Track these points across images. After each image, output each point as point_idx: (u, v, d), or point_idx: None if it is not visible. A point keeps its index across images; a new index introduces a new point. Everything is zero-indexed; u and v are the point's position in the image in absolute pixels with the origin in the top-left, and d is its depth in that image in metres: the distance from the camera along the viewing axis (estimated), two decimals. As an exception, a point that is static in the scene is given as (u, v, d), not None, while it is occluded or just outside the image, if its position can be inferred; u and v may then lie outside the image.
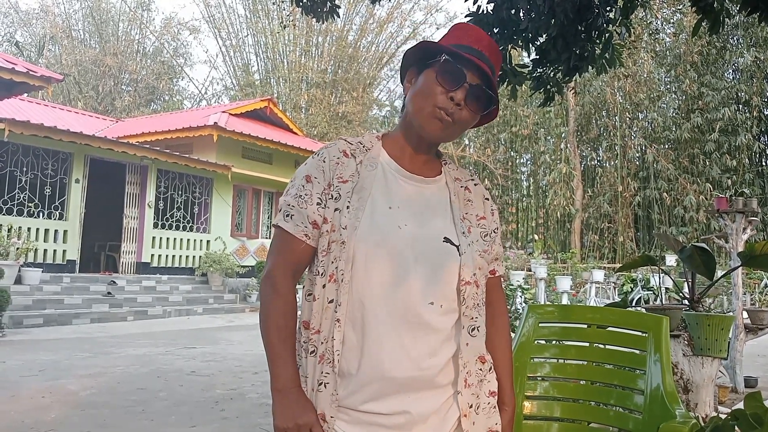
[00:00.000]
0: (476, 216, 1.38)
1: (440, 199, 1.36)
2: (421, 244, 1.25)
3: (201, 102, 33.35)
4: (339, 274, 1.22)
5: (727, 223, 5.89)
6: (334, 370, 1.20)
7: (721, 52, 21.81)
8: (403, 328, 1.21)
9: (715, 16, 4.36)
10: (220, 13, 31.30)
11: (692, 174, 21.52)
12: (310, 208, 1.27)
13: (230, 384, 5.89)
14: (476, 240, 1.34)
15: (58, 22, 30.57)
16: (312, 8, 6.07)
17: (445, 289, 1.26)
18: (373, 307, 1.21)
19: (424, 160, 1.38)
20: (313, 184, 1.29)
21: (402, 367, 1.20)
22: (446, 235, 1.29)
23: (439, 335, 1.25)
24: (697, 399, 3.83)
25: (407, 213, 1.28)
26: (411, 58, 1.36)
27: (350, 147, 1.35)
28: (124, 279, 12.90)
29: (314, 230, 1.27)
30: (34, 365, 6.50)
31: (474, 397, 1.29)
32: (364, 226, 1.23)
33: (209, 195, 15.44)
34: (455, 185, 1.40)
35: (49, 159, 12.39)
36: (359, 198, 1.27)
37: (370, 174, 1.31)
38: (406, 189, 1.33)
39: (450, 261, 1.27)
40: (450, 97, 1.26)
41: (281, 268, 1.30)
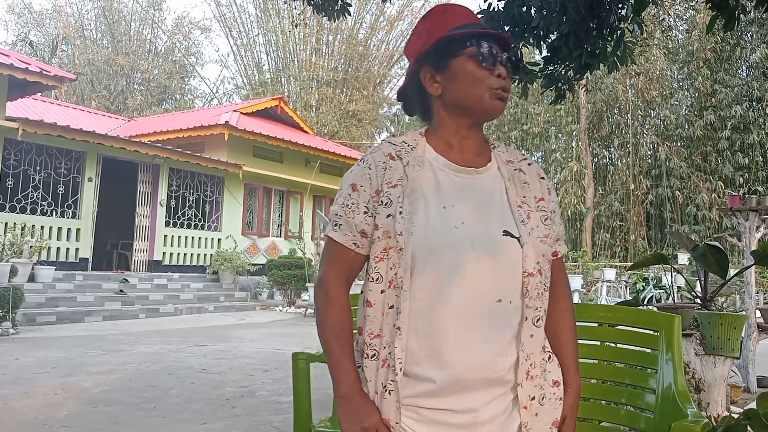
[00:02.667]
0: (535, 198, 1.34)
1: (494, 189, 1.31)
2: (481, 242, 1.22)
3: (212, 101, 33.52)
4: (398, 281, 1.21)
5: (740, 221, 5.84)
6: (396, 378, 1.20)
7: (734, 48, 21.61)
8: (470, 330, 1.20)
9: (730, 12, 4.31)
10: (231, 12, 31.50)
11: (705, 172, 21.35)
12: (357, 218, 1.27)
13: (241, 381, 5.91)
14: (537, 226, 1.29)
15: (71, 22, 30.81)
16: (323, 7, 6.07)
17: (511, 284, 1.23)
18: (438, 311, 1.20)
19: (474, 149, 1.35)
20: (359, 193, 1.29)
21: (472, 369, 1.19)
22: (505, 227, 1.25)
23: (509, 332, 1.23)
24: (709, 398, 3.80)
25: (463, 210, 1.25)
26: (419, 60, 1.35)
27: (395, 149, 1.33)
28: (136, 277, 12.99)
29: (363, 239, 1.27)
30: (47, 362, 6.56)
31: (537, 388, 1.26)
32: (419, 231, 1.21)
33: (220, 194, 15.51)
34: (508, 169, 1.35)
35: (63, 158, 12.49)
36: (411, 201, 1.25)
37: (419, 174, 1.29)
38: (459, 184, 1.29)
39: (512, 255, 1.23)
40: (497, 75, 1.28)
41: (333, 277, 1.31)
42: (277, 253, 16.16)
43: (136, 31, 31.85)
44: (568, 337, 1.38)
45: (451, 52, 1.30)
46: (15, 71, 10.55)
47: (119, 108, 28.80)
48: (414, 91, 1.39)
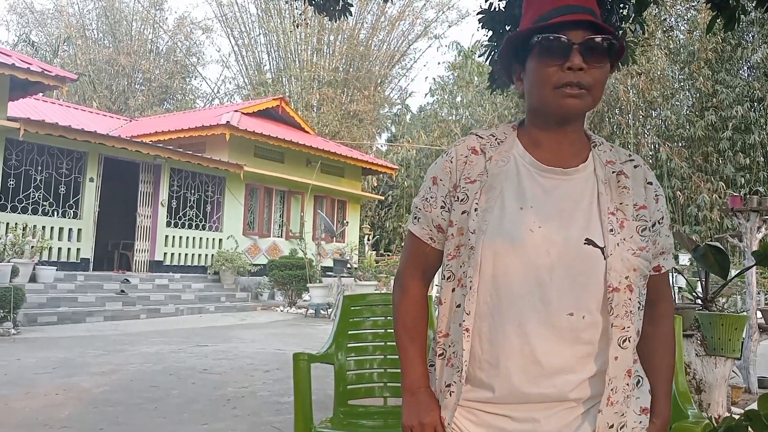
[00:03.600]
0: (634, 206, 1.19)
1: (584, 192, 1.19)
2: (558, 249, 1.13)
3: (213, 101, 33.52)
4: (467, 280, 1.16)
5: (741, 221, 5.84)
6: (461, 380, 1.16)
7: (735, 49, 21.60)
8: (537, 342, 1.12)
9: (731, 12, 4.31)
10: (232, 12, 31.44)
11: (706, 172, 21.33)
12: (434, 212, 1.24)
13: (242, 382, 5.92)
14: (630, 237, 1.16)
15: (72, 22, 30.82)
16: (325, 7, 6.07)
17: (589, 298, 1.12)
18: (502, 318, 1.14)
19: (568, 146, 1.23)
20: (438, 187, 1.25)
21: (534, 384, 1.13)
22: (589, 235, 1.14)
23: (581, 349, 1.13)
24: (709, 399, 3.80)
25: (542, 213, 1.16)
26: (507, 57, 1.27)
27: (480, 142, 1.26)
28: (137, 277, 13.00)
29: (439, 234, 1.24)
30: (48, 363, 6.56)
31: (617, 416, 1.14)
32: (491, 230, 1.15)
33: (221, 194, 15.52)
34: (605, 171, 1.21)
35: (64, 158, 12.50)
36: (488, 198, 1.18)
37: (502, 170, 1.21)
38: (543, 184, 1.19)
39: (594, 266, 1.12)
40: (567, 68, 1.14)
41: (409, 270, 1.30)
42: (278, 254, 16.17)
43: (137, 31, 31.87)
44: (664, 361, 1.27)
45: (527, 50, 1.20)
46: (17, 71, 10.56)
47: (121, 108, 28.82)
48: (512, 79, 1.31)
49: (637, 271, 1.15)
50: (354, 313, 2.98)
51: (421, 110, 32.97)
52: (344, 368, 2.78)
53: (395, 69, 32.56)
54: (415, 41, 32.39)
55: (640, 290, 1.16)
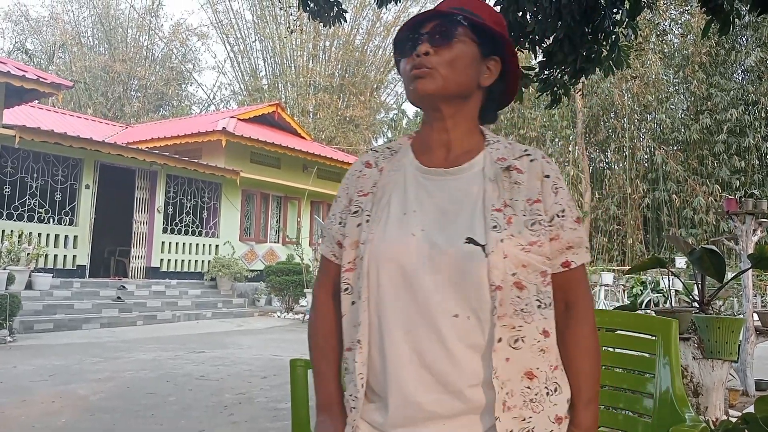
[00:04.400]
0: (527, 201, 1.15)
1: (469, 191, 1.17)
2: (440, 250, 1.11)
3: (209, 107, 33.53)
4: (357, 292, 1.17)
5: (736, 224, 5.86)
6: (358, 394, 1.14)
7: (729, 52, 21.71)
8: (424, 347, 1.09)
9: (725, 16, 4.33)
10: (228, 18, 31.49)
11: (701, 175, 21.41)
12: (334, 228, 1.26)
13: (239, 388, 5.90)
14: (518, 232, 1.11)
15: (67, 30, 30.83)
16: (319, 13, 6.09)
17: (472, 298, 1.09)
18: (390, 326, 1.12)
19: (457, 144, 1.22)
20: (337, 204, 1.28)
21: (427, 391, 1.09)
22: (471, 234, 1.10)
23: (470, 352, 1.09)
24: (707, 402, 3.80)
25: (425, 216, 1.15)
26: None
27: (374, 156, 1.29)
28: (133, 284, 12.96)
29: (340, 249, 1.24)
30: (44, 370, 6.54)
31: (518, 421, 1.07)
32: (376, 239, 1.15)
33: (218, 200, 15.50)
34: (495, 167, 1.18)
35: (60, 165, 12.48)
36: (378, 209, 1.20)
37: (391, 180, 1.23)
38: (427, 187, 1.19)
39: (475, 265, 1.08)
40: (414, 57, 1.18)
41: (320, 288, 1.30)
42: (274, 259, 16.15)
43: (133, 38, 31.90)
44: (583, 367, 1.19)
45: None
46: (12, 79, 10.54)
47: (116, 115, 28.81)
48: None
49: (528, 267, 1.10)
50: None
51: (417, 115, 32.96)
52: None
53: (391, 74, 32.62)
54: (411, 46, 32.40)
55: (538, 287, 1.11)
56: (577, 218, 1.19)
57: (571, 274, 1.17)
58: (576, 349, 1.18)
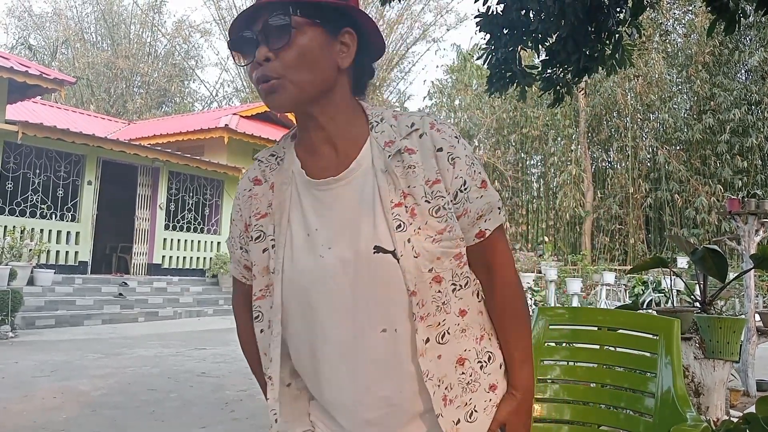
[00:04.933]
0: (426, 183, 1.05)
1: (364, 192, 1.06)
2: (353, 267, 1.03)
3: (212, 104, 33.53)
4: (266, 320, 1.12)
5: (739, 224, 5.85)
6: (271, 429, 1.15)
7: (733, 52, 21.66)
8: (360, 369, 1.06)
9: (731, 16, 4.32)
10: (231, 15, 31.42)
11: (704, 175, 21.37)
12: (237, 253, 1.20)
13: (240, 385, 5.91)
14: (425, 223, 1.03)
15: (70, 26, 30.85)
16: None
17: (396, 308, 1.03)
18: (324, 352, 1.08)
19: (341, 140, 1.10)
20: (235, 225, 1.19)
21: (371, 408, 1.08)
22: (377, 242, 1.02)
23: (404, 362, 1.05)
24: (708, 402, 3.80)
25: (329, 233, 1.06)
26: None
27: (261, 168, 1.16)
28: (135, 280, 12.98)
29: (248, 272, 1.19)
30: (46, 366, 6.55)
31: (460, 409, 1.07)
32: (287, 266, 1.08)
33: (220, 197, 15.51)
34: (384, 156, 1.06)
35: (62, 161, 12.50)
36: (280, 232, 1.10)
37: (285, 197, 1.11)
38: (322, 200, 1.08)
39: (390, 273, 1.02)
40: (256, 65, 1.03)
41: (236, 304, 1.28)
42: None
43: (136, 34, 31.90)
44: (512, 330, 1.14)
45: None
46: (15, 74, 10.57)
47: (119, 111, 28.83)
48: None
49: (442, 258, 1.04)
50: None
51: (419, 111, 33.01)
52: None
53: (394, 72, 32.63)
54: (414, 45, 32.44)
55: (453, 271, 1.06)
56: (482, 182, 1.10)
57: (487, 242, 1.10)
58: (503, 313, 1.14)
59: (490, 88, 5.44)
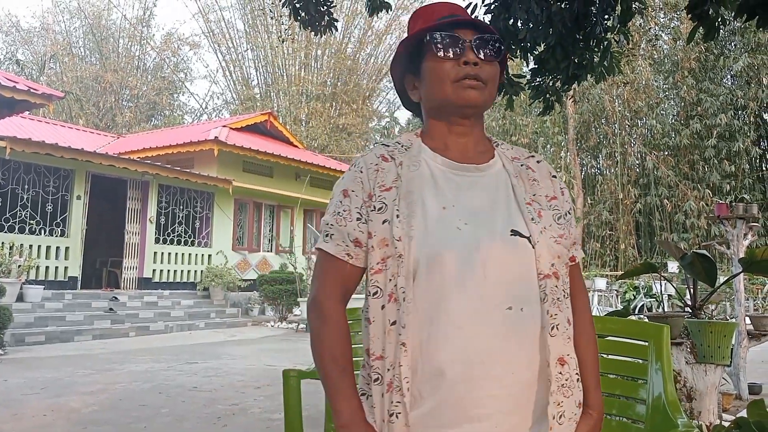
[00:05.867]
0: (546, 197, 1.22)
1: (499, 186, 1.20)
2: (487, 243, 1.11)
3: (201, 117, 33.51)
4: (399, 292, 1.09)
5: (728, 229, 5.89)
6: (404, 399, 1.07)
7: (718, 58, 21.89)
8: (479, 343, 1.08)
9: (711, 23, 4.37)
10: (219, 28, 31.50)
11: (692, 180, 21.53)
12: (350, 225, 1.16)
13: (232, 399, 5.87)
14: (549, 224, 1.17)
15: (59, 40, 30.80)
16: (310, 22, 6.11)
17: (524, 289, 1.11)
18: (441, 325, 1.08)
19: (473, 146, 1.24)
20: (351, 198, 1.18)
21: (479, 387, 1.07)
22: (513, 226, 1.13)
23: (524, 344, 1.10)
24: (700, 407, 3.81)
25: (464, 210, 1.14)
26: (398, 70, 1.30)
27: (387, 149, 1.24)
28: (125, 295, 12.89)
29: (357, 248, 1.16)
30: (36, 383, 6.48)
31: (555, 405, 1.11)
32: (418, 235, 1.10)
33: (210, 209, 15.46)
34: (514, 165, 1.25)
35: (51, 176, 12.43)
36: (408, 203, 1.13)
37: (415, 175, 1.18)
38: (458, 183, 1.18)
39: (523, 256, 1.12)
40: (463, 63, 1.17)
41: (327, 293, 1.18)
42: (268, 269, 16.10)
43: (124, 47, 31.88)
44: (589, 353, 1.24)
45: (421, 55, 1.22)
46: (2, 89, 10.49)
47: (108, 125, 28.74)
48: (406, 99, 1.32)
49: (561, 259, 1.17)
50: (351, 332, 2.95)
51: (409, 123, 33.08)
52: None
53: (383, 82, 32.72)
54: (402, 54, 32.53)
55: (563, 278, 1.17)
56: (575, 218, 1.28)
57: (575, 268, 1.26)
58: (582, 336, 1.23)
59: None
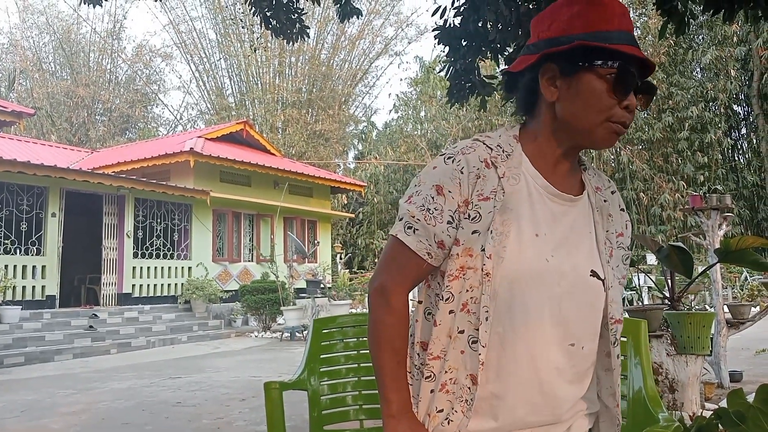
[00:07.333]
0: (615, 233, 1.22)
1: (585, 221, 1.18)
2: (569, 280, 1.12)
3: (176, 128, 33.20)
4: (482, 310, 1.09)
5: (702, 220, 5.97)
6: (464, 411, 1.12)
7: (687, 51, 22.23)
8: (545, 375, 1.12)
9: (680, 18, 4.43)
10: (191, 38, 31.27)
11: (667, 173, 21.82)
12: (440, 227, 1.12)
13: (217, 413, 5.81)
14: (617, 266, 1.20)
15: (28, 56, 30.32)
16: (281, 30, 6.10)
17: (590, 329, 1.15)
18: (515, 350, 1.11)
19: (568, 170, 1.19)
20: (445, 198, 1.12)
21: (536, 413, 1.13)
22: (593, 266, 1.15)
23: (574, 378, 1.16)
24: (683, 398, 3.85)
25: (553, 241, 1.12)
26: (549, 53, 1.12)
27: (490, 154, 1.15)
28: (105, 311, 12.71)
29: (439, 250, 1.13)
30: (15, 406, 6.36)
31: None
32: (510, 257, 1.08)
33: (189, 221, 15.32)
34: (597, 199, 1.22)
35: (24, 194, 12.22)
36: (503, 221, 1.10)
37: (515, 190, 1.13)
38: (553, 210, 1.15)
39: (597, 298, 1.15)
40: (625, 106, 1.09)
41: (397, 284, 1.17)
42: (249, 278, 15.99)
43: (95, 61, 31.47)
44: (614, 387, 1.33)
45: (586, 62, 1.09)
46: (-30, 109, 10.34)
47: (82, 140, 28.36)
48: (528, 80, 1.17)
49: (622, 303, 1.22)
50: (325, 337, 2.93)
51: (386, 126, 33.15)
52: (318, 394, 2.74)
53: (358, 87, 32.75)
54: (377, 59, 32.60)
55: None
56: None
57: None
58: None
59: (450, 99, 5.49)
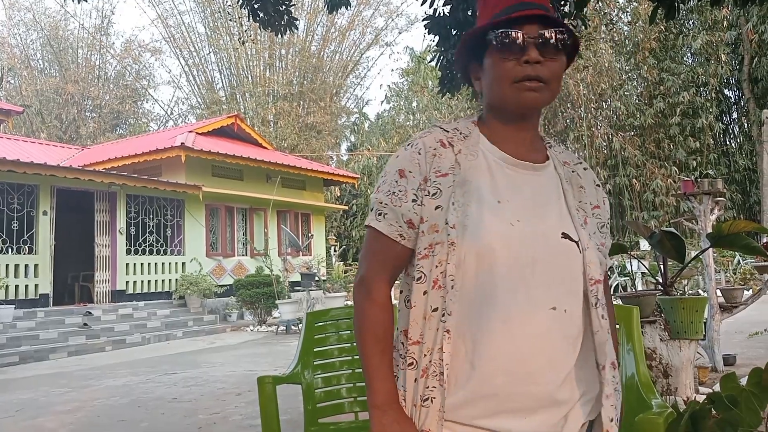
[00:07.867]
0: (590, 204, 1.24)
1: (551, 188, 1.20)
2: (538, 243, 1.11)
3: (167, 123, 33.07)
4: (447, 280, 1.09)
5: (694, 205, 5.98)
6: (442, 384, 1.09)
7: (677, 37, 22.25)
8: (519, 338, 1.09)
9: (670, 3, 4.42)
10: (180, 33, 31.08)
11: (659, 158, 21.88)
12: (405, 206, 1.15)
13: (213, 408, 5.80)
14: (594, 232, 1.19)
15: (16, 53, 30.08)
16: (270, 22, 6.05)
17: (569, 291, 1.13)
18: (488, 318, 1.09)
19: (528, 143, 1.22)
20: (407, 179, 1.16)
21: (516, 382, 1.09)
22: (564, 229, 1.15)
23: (562, 344, 1.12)
24: (677, 382, 3.86)
25: (518, 207, 1.14)
26: (464, 57, 1.25)
27: (447, 135, 1.20)
28: (99, 309, 12.66)
29: (410, 230, 1.15)
30: (10, 405, 6.33)
31: (613, 409, 1.15)
32: (473, 225, 1.09)
33: (181, 216, 15.26)
34: (565, 170, 1.24)
35: (15, 193, 12.13)
36: (464, 192, 1.13)
37: (472, 164, 1.16)
38: (514, 179, 1.17)
39: (572, 259, 1.14)
40: (525, 62, 1.12)
41: (376, 272, 1.19)
42: (244, 273, 15.96)
43: (84, 57, 31.26)
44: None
45: (485, 46, 1.17)
46: (-43, 107, 10.24)
47: (72, 137, 28.18)
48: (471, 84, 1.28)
49: (602, 265, 1.18)
50: (318, 330, 2.93)
51: (378, 117, 33.11)
52: (312, 387, 2.74)
53: (350, 78, 32.67)
54: (367, 50, 32.52)
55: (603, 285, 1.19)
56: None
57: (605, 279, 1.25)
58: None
59: (442, 89, 5.46)
